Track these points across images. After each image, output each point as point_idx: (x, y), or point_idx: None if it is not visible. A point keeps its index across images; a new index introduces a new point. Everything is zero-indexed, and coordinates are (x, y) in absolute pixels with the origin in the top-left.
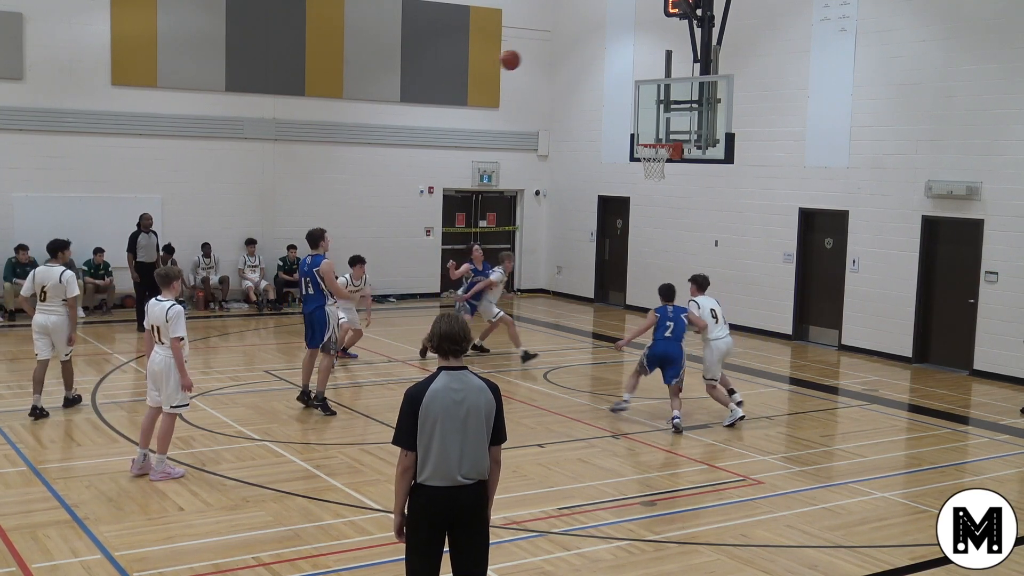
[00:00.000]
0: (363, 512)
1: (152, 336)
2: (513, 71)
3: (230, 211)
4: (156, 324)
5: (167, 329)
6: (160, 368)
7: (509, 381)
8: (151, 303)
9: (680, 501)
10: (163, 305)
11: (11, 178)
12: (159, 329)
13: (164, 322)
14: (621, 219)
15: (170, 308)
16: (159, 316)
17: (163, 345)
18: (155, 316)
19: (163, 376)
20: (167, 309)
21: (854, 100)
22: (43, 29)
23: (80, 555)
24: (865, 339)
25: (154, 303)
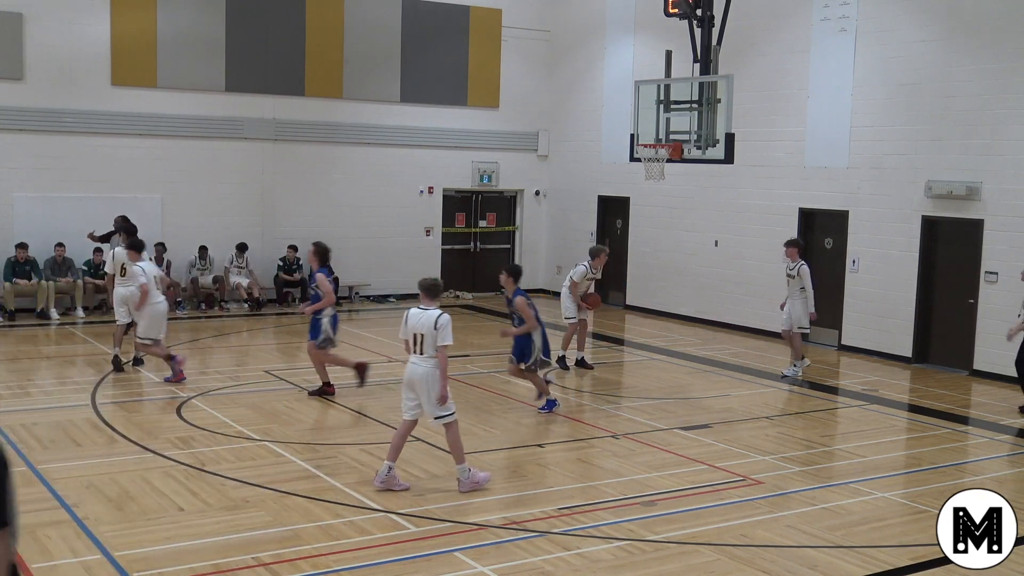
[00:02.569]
0: (363, 512)
1: (410, 345)
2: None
3: (230, 211)
4: (421, 333)
5: (434, 338)
6: (419, 378)
7: (508, 381)
8: (414, 312)
9: (680, 501)
10: (430, 314)
11: (11, 178)
12: (422, 338)
13: (433, 330)
14: (621, 219)
15: (439, 317)
16: (427, 325)
17: (421, 356)
18: (421, 325)
19: (423, 386)
20: (436, 318)
21: (854, 100)
22: (43, 29)
23: (80, 555)
24: (865, 339)
25: (418, 312)
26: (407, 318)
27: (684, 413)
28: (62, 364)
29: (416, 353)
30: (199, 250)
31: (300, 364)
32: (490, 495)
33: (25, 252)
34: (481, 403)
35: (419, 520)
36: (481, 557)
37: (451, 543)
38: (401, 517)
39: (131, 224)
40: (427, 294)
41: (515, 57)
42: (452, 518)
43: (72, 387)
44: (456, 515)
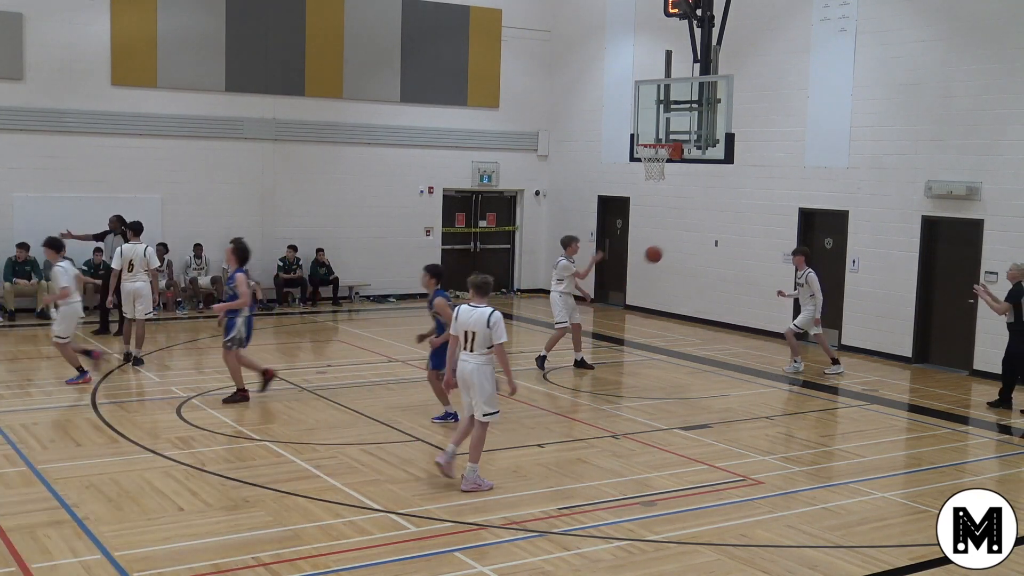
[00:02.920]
0: (363, 512)
1: (460, 343)
2: (655, 260)
3: (230, 211)
4: (473, 331)
5: (486, 336)
6: (470, 374)
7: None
8: (464, 308)
9: (680, 501)
10: (482, 312)
11: (11, 178)
12: (474, 335)
13: (486, 328)
14: (621, 219)
15: (491, 315)
16: (479, 323)
17: (472, 353)
18: (473, 323)
19: (474, 383)
20: (488, 316)
21: (854, 100)
22: (43, 29)
23: (80, 555)
24: (865, 339)
25: (468, 309)
26: (458, 314)
27: (684, 413)
28: (62, 364)
29: (467, 351)
30: (194, 248)
31: (299, 364)
32: (490, 495)
33: (25, 252)
34: None
35: (419, 520)
36: (481, 557)
37: (451, 543)
38: (401, 517)
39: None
40: (478, 292)
41: (515, 57)
42: (452, 518)
43: (72, 387)
44: (456, 515)
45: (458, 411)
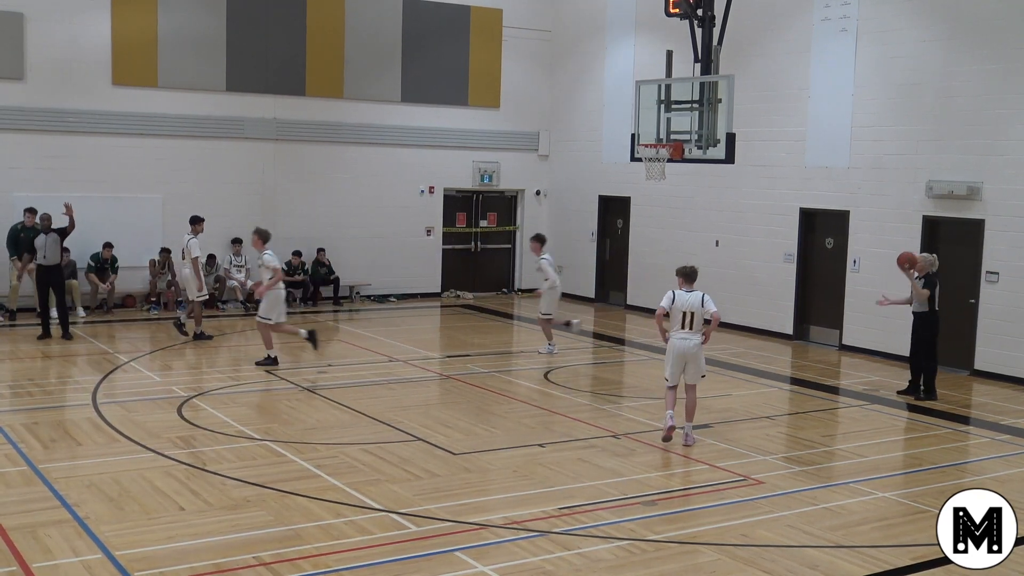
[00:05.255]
0: (364, 512)
1: (677, 322)
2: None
3: (231, 211)
4: (692, 311)
5: (702, 314)
6: (689, 350)
7: (509, 381)
8: (680, 293)
9: (681, 501)
10: (695, 295)
11: (12, 178)
12: (692, 316)
13: (701, 308)
14: (622, 219)
15: (704, 295)
16: (694, 304)
17: (691, 331)
18: (689, 305)
19: (696, 355)
20: (701, 297)
21: (855, 100)
22: (44, 29)
23: (81, 555)
24: (866, 339)
25: (683, 293)
26: (674, 297)
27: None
28: (63, 363)
29: (686, 329)
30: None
31: (301, 363)
32: (491, 495)
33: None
34: (482, 403)
35: (420, 520)
36: (482, 557)
37: (452, 543)
38: (402, 517)
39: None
40: (687, 279)
41: (516, 57)
42: (453, 518)
43: (73, 386)
44: (457, 515)
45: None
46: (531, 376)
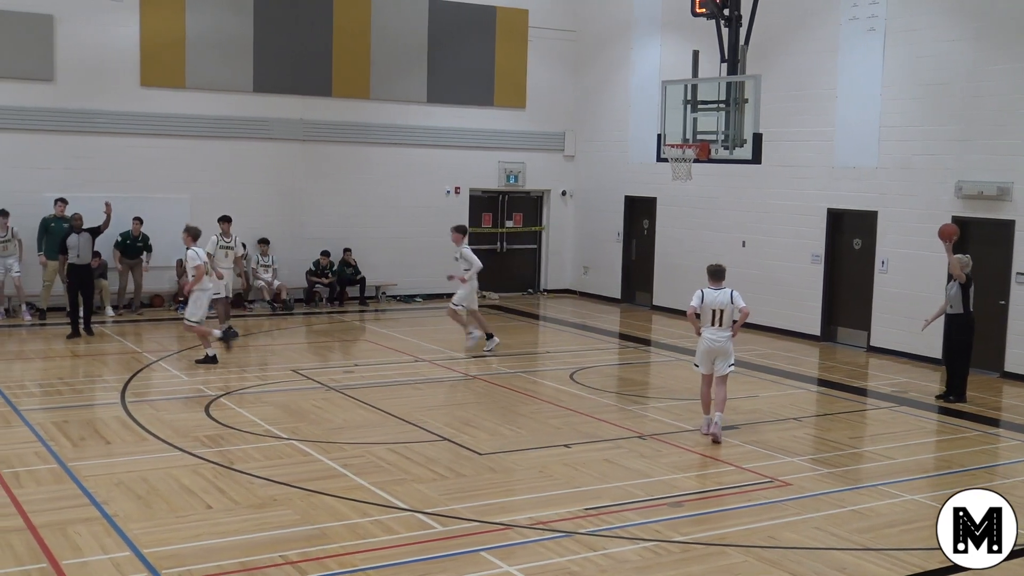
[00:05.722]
0: (390, 511)
1: (706, 319)
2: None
3: (258, 211)
4: (721, 309)
5: (731, 311)
6: (719, 346)
7: (534, 381)
8: (708, 291)
9: (707, 502)
10: (724, 292)
11: (41, 178)
12: (721, 313)
13: (730, 304)
14: (648, 219)
15: (732, 292)
16: (724, 301)
17: (720, 328)
18: (719, 302)
19: (727, 350)
20: (730, 294)
21: (883, 100)
22: (73, 31)
23: (110, 552)
24: (894, 341)
25: (712, 291)
26: (703, 296)
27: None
28: (92, 362)
29: (716, 326)
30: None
31: (328, 363)
32: (516, 495)
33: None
34: (508, 403)
35: (445, 519)
36: (507, 557)
37: (477, 543)
38: (428, 516)
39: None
40: (715, 277)
41: (542, 57)
42: (478, 518)
43: (102, 385)
44: (483, 515)
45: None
46: (557, 376)
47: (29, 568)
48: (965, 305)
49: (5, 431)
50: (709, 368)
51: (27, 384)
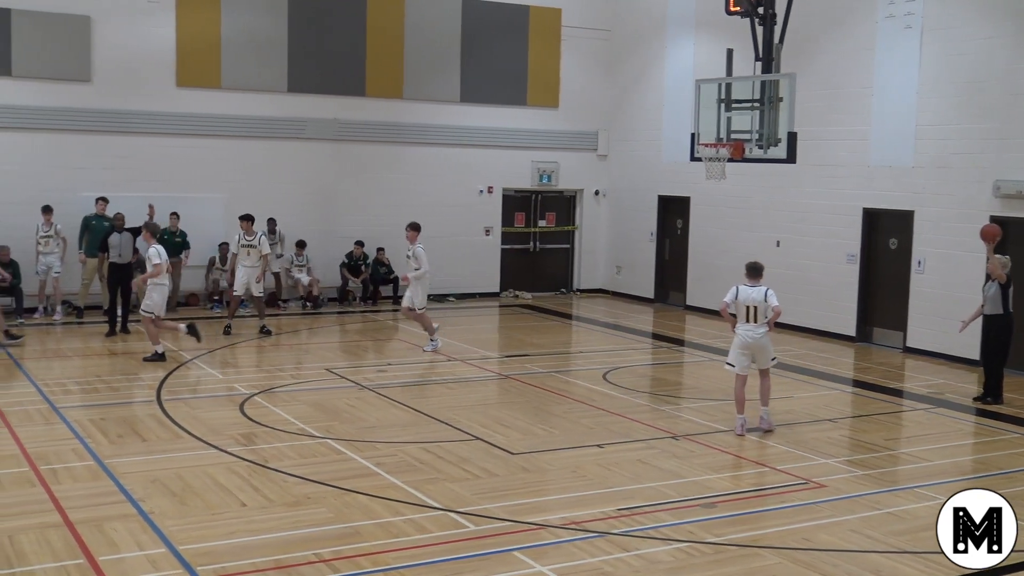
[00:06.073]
0: (423, 510)
1: (740, 316)
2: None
3: (292, 211)
4: (755, 305)
5: (765, 308)
6: (755, 341)
7: (567, 381)
8: (743, 288)
9: (741, 503)
10: (759, 289)
11: (79, 178)
12: (755, 309)
13: (764, 302)
14: (681, 219)
15: (767, 290)
16: (758, 298)
17: (755, 324)
18: (753, 299)
19: (764, 346)
20: (765, 292)
21: (919, 98)
22: (110, 32)
23: (145, 548)
24: (931, 341)
25: (747, 288)
26: (737, 293)
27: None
28: (129, 360)
29: (751, 322)
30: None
31: (362, 362)
32: (549, 495)
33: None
34: (541, 403)
35: (478, 519)
36: (540, 557)
37: (510, 542)
38: (460, 515)
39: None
40: (753, 274)
41: (575, 56)
42: (511, 517)
43: (139, 383)
44: (515, 514)
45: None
46: (590, 376)
47: (66, 563)
48: (1004, 306)
49: (44, 428)
50: (744, 367)
51: (65, 382)
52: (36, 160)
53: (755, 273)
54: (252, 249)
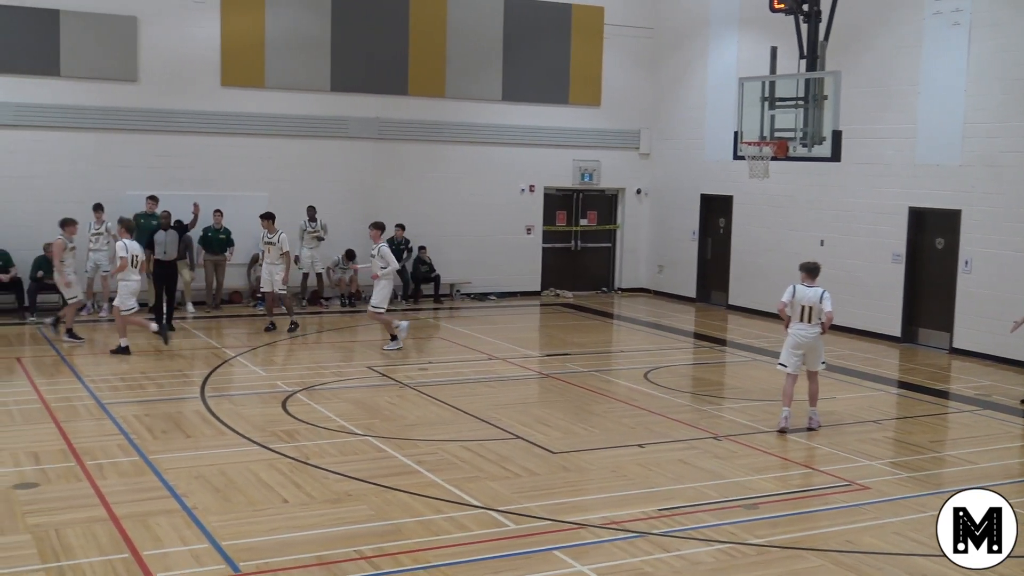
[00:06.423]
0: (463, 508)
1: (797, 315)
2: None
3: (334, 209)
4: (810, 306)
5: (820, 309)
6: (808, 340)
7: (608, 380)
8: (800, 287)
9: (783, 505)
10: (815, 290)
11: (124, 176)
12: (811, 310)
13: (819, 303)
14: (724, 218)
15: (823, 292)
16: (813, 299)
17: (810, 324)
18: (809, 299)
19: (816, 346)
20: (821, 293)
21: (967, 95)
22: (156, 32)
23: (189, 543)
24: (978, 342)
25: (803, 288)
26: (794, 292)
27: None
28: (173, 357)
29: (805, 322)
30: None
31: (403, 360)
32: (589, 494)
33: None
34: (581, 402)
35: (519, 518)
36: (580, 556)
37: (550, 541)
38: (501, 514)
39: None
40: (810, 274)
41: (617, 55)
42: (551, 516)
43: (183, 380)
44: (556, 513)
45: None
46: (631, 376)
47: (112, 558)
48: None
49: (90, 424)
50: (796, 367)
51: (111, 378)
52: (83, 159)
53: (812, 273)
54: (272, 247)
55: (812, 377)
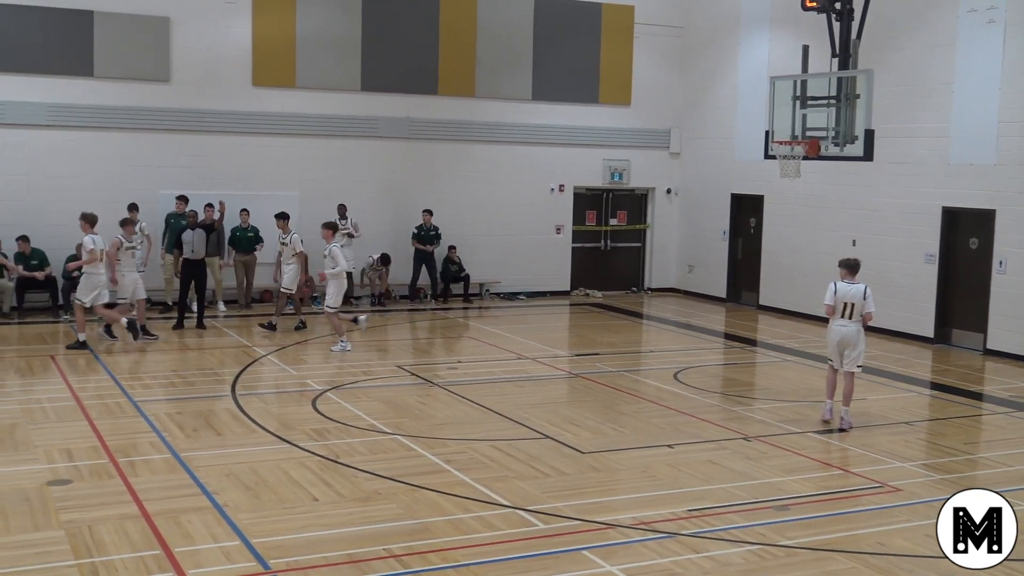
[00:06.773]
0: (492, 508)
1: (838, 311)
2: None
3: (364, 208)
4: (852, 302)
5: (862, 306)
6: (848, 337)
7: (638, 380)
8: (841, 284)
9: (814, 506)
10: (857, 287)
11: (157, 176)
12: (852, 306)
13: (862, 300)
14: (755, 218)
15: (866, 289)
16: (856, 295)
17: (851, 319)
18: (851, 296)
19: (852, 344)
20: (863, 290)
21: (1002, 94)
22: (188, 33)
23: (220, 541)
24: (1013, 343)
25: (845, 285)
26: (836, 289)
27: (818, 416)
28: (204, 356)
29: (845, 318)
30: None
31: (432, 360)
32: (619, 495)
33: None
34: (611, 402)
35: (547, 517)
36: (609, 556)
37: (579, 541)
38: (530, 514)
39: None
40: (851, 271)
41: (647, 54)
42: (580, 516)
43: (214, 378)
44: (585, 513)
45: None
46: (660, 376)
47: (143, 554)
48: None
49: (122, 421)
50: (839, 361)
51: (143, 376)
52: (116, 159)
53: (853, 269)
54: (285, 247)
55: (848, 377)
